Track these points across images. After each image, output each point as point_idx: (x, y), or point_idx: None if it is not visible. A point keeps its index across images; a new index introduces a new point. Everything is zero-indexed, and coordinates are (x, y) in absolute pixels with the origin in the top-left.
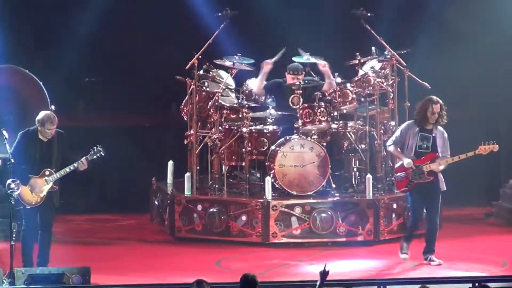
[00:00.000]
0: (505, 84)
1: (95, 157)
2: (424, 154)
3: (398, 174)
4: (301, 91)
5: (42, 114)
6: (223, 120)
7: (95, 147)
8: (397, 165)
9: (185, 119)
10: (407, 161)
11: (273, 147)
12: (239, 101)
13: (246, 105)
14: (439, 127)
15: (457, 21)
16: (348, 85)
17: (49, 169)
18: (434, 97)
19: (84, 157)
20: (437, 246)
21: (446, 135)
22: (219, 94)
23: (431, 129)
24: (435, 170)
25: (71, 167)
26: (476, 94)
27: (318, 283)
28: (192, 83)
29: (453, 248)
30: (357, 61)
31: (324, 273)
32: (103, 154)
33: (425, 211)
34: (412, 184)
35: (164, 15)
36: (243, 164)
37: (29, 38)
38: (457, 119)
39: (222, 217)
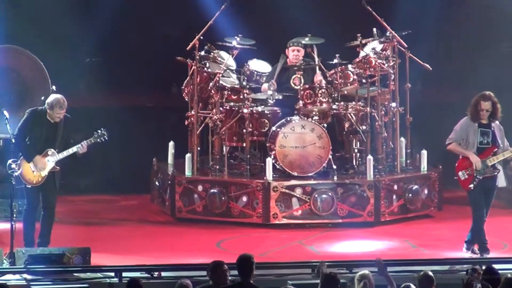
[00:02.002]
0: (505, 66)
1: (98, 140)
2: (485, 149)
3: (461, 172)
4: (302, 72)
5: (52, 97)
6: (224, 101)
7: (99, 130)
8: (457, 164)
9: (186, 100)
10: (475, 158)
11: (274, 128)
12: (240, 82)
13: (247, 86)
14: (496, 121)
15: (459, 3)
16: (349, 66)
17: (52, 149)
18: (487, 93)
19: (85, 140)
20: (438, 228)
21: (502, 127)
22: (220, 75)
23: (489, 123)
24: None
25: (72, 150)
26: (476, 76)
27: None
28: (193, 64)
29: (454, 230)
30: (358, 42)
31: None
32: (106, 138)
33: None
34: (478, 181)
35: None
36: (244, 145)
37: (30, 18)
38: (457, 101)
39: (223, 198)
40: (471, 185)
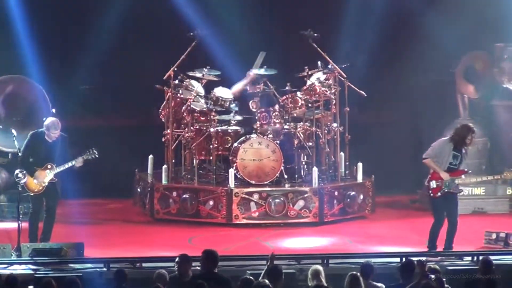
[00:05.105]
0: (429, 92)
1: (90, 157)
2: (455, 169)
3: (433, 181)
4: (258, 98)
5: (48, 120)
6: (194, 121)
7: (91, 150)
8: (430, 175)
9: (163, 120)
10: (445, 175)
11: (235, 144)
12: (208, 106)
13: (214, 109)
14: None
15: (390, 38)
16: (298, 93)
17: (51, 164)
18: (473, 127)
19: (81, 156)
20: (371, 227)
21: (464, 151)
22: (191, 100)
23: (461, 148)
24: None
25: (69, 164)
26: (406, 100)
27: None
28: (169, 91)
29: (384, 229)
30: (305, 73)
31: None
32: (97, 156)
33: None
34: (443, 192)
35: (145, 34)
36: (211, 158)
37: (35, 52)
38: (387, 121)
39: (193, 202)
40: (439, 194)
